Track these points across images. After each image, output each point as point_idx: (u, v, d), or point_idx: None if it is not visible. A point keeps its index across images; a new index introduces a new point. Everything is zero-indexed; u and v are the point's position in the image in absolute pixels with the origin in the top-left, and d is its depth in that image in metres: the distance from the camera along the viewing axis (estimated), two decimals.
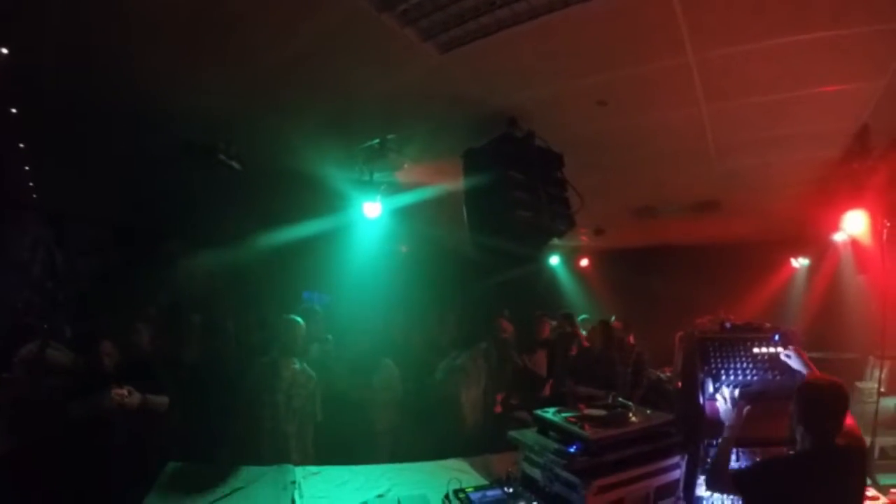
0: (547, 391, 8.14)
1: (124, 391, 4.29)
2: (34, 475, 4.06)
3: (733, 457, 3.53)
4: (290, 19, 4.09)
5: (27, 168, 8.70)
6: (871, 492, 3.71)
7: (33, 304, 10.35)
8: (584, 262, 14.75)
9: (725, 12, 3.78)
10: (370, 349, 6.47)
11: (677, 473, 3.38)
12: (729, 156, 6.51)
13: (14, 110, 6.05)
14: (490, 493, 3.33)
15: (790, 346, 3.70)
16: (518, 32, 4.09)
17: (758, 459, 3.32)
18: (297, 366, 5.11)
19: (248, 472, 3.84)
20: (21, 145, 7.43)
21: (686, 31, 3.99)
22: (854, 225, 6.62)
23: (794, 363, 3.62)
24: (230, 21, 4.13)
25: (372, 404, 5.94)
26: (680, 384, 4.39)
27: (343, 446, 5.36)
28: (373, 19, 3.99)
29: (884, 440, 6.20)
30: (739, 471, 3.10)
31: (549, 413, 3.48)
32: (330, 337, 6.90)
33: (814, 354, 3.76)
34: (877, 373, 6.77)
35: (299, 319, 5.28)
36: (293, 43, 4.40)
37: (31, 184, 9.56)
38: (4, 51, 4.65)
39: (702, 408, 3.71)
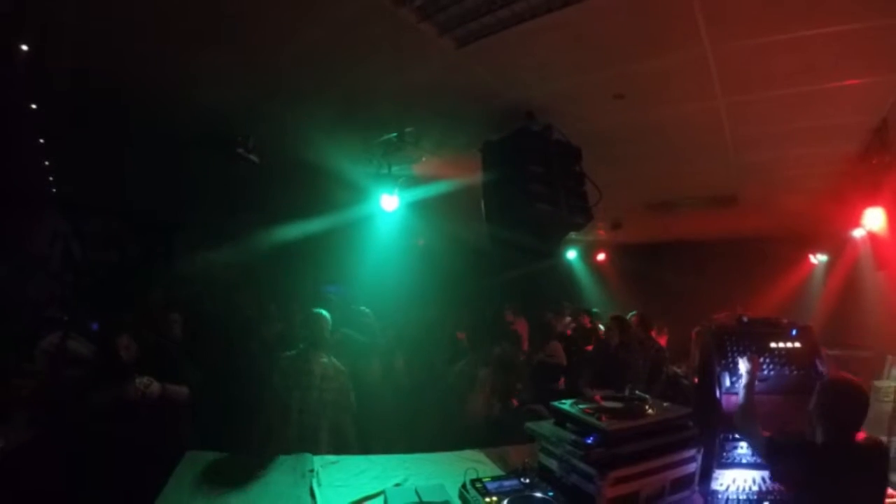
0: (561, 384, 8.15)
1: (145, 380, 4.37)
2: (55, 464, 4.12)
3: (749, 450, 3.56)
4: (308, 13, 4.12)
5: (46, 163, 8.79)
6: None
7: (54, 296, 10.47)
8: (601, 257, 14.69)
9: (742, 4, 3.77)
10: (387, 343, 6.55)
11: (693, 466, 3.38)
12: (746, 150, 6.48)
13: (34, 105, 6.11)
14: (507, 483, 3.33)
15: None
16: (535, 26, 4.10)
17: (795, 437, 3.27)
18: (326, 359, 5.16)
19: (266, 460, 3.86)
20: (41, 140, 7.51)
21: (703, 23, 3.97)
22: (874, 221, 6.56)
23: None
24: (247, 13, 4.16)
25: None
26: (697, 378, 4.39)
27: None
28: (390, 13, 4.02)
29: None
30: (776, 437, 3.10)
31: (567, 404, 3.50)
32: (367, 310, 6.98)
33: (831, 351, 3.75)
34: (894, 371, 6.71)
35: (325, 313, 5.31)
36: (310, 37, 4.43)
37: (49, 178, 9.66)
38: (24, 47, 4.71)
39: (718, 401, 3.71)
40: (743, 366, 3.58)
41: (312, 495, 3.41)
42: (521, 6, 3.94)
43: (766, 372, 3.71)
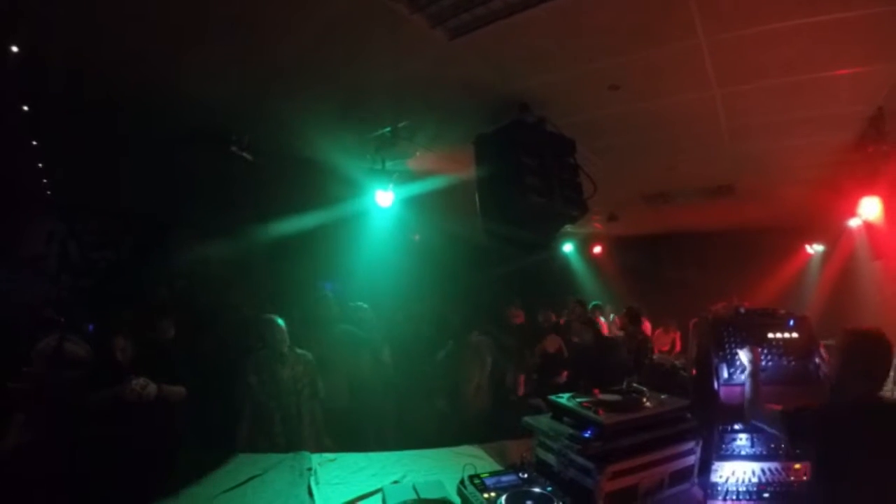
0: (563, 377, 8.16)
1: (142, 381, 4.35)
2: (53, 466, 4.10)
3: (748, 442, 3.55)
4: (300, 7, 4.08)
5: (40, 164, 8.75)
6: None
7: (50, 297, 10.43)
8: (598, 249, 14.72)
9: None
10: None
11: (692, 459, 3.37)
12: (742, 140, 6.47)
13: (26, 107, 6.07)
14: (505, 478, 3.31)
15: None
16: (528, 17, 4.07)
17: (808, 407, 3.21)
18: (290, 356, 5.13)
19: (264, 459, 3.85)
20: (34, 142, 7.47)
21: (697, 14, 3.96)
22: (869, 210, 6.55)
23: None
24: (240, 9, 4.13)
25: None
26: (695, 370, 4.38)
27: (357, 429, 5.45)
28: (381, 6, 3.99)
29: None
30: (791, 413, 3.04)
31: (564, 398, 3.48)
32: (365, 305, 6.97)
33: (828, 341, 3.73)
34: (893, 361, 6.69)
35: (279, 320, 5.19)
36: (302, 31, 4.39)
37: (44, 179, 9.62)
38: (15, 49, 4.67)
39: (717, 393, 3.70)
40: (744, 357, 3.55)
41: (311, 493, 3.39)
42: None
43: (764, 362, 3.70)
